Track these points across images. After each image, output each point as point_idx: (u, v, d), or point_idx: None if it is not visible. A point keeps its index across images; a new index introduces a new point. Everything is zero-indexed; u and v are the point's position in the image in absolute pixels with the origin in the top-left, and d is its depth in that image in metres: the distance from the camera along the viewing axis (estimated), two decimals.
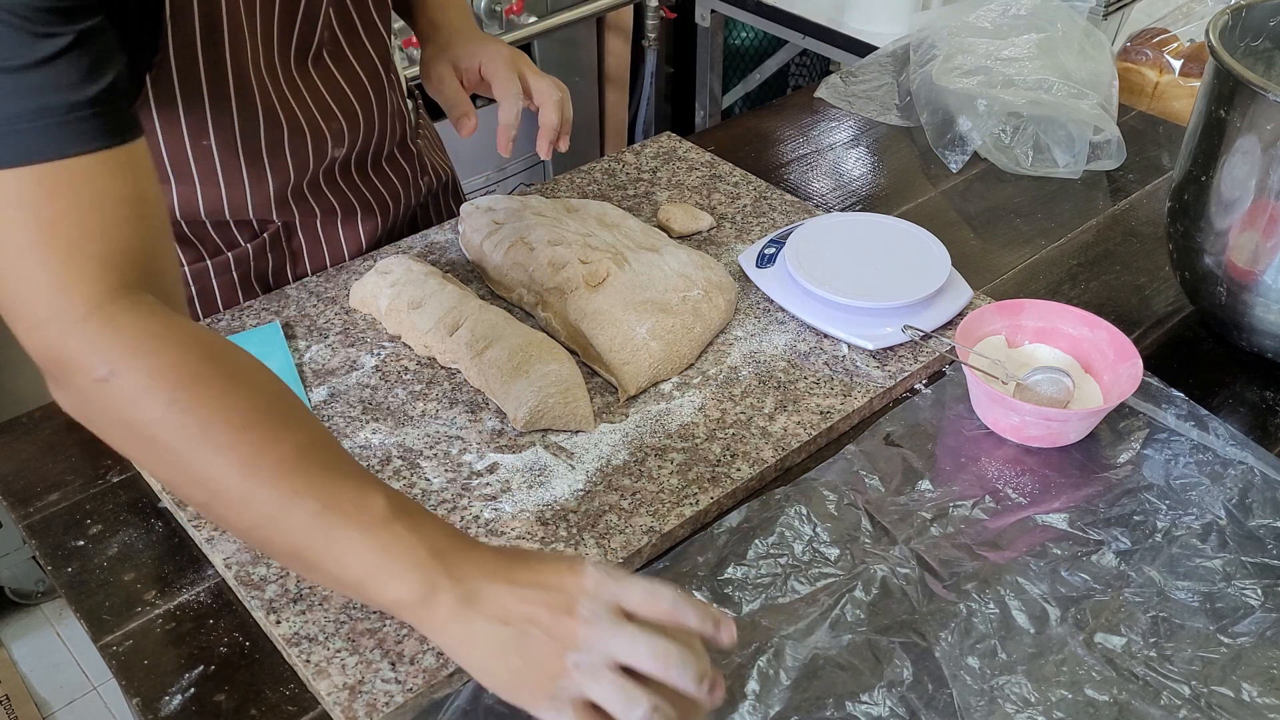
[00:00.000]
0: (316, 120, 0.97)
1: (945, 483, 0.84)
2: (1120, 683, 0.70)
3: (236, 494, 0.59)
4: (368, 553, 0.59)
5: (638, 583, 0.59)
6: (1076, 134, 1.23)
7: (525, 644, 0.58)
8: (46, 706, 1.84)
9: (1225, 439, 0.87)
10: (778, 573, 0.77)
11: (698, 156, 1.23)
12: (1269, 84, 0.84)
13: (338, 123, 0.98)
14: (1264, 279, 0.90)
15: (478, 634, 0.58)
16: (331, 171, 1.02)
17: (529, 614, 0.58)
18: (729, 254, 1.07)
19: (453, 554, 0.60)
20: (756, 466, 0.84)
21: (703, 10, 2.23)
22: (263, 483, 0.59)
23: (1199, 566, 0.78)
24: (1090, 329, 0.91)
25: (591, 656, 0.57)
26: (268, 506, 0.59)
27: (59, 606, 1.97)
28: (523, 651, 0.58)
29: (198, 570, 0.78)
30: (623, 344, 0.90)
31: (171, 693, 0.70)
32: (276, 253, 1.03)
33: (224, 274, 1.01)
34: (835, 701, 0.69)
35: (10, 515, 0.83)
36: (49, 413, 0.92)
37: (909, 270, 0.98)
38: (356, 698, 0.68)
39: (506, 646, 0.58)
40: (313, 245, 1.05)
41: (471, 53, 1.00)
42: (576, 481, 0.82)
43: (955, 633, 0.73)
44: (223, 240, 1.00)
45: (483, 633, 0.58)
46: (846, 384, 0.92)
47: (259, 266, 1.03)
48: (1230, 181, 0.90)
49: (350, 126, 1.00)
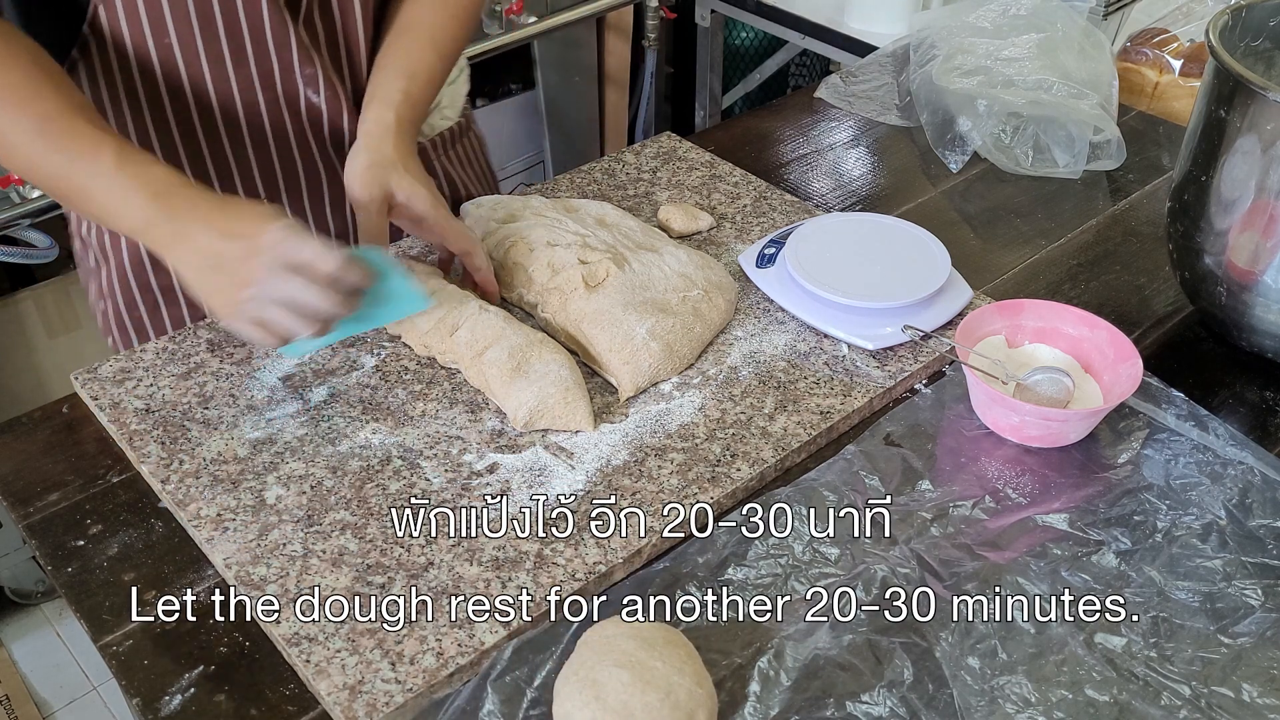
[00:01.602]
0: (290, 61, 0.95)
1: (945, 483, 0.84)
2: (1120, 683, 0.70)
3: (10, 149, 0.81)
4: (105, 193, 0.80)
5: (311, 245, 0.77)
6: (1076, 134, 1.23)
7: (217, 274, 0.78)
8: (46, 706, 1.84)
9: (1225, 439, 0.87)
10: (778, 573, 0.77)
11: (698, 156, 1.23)
12: (1269, 84, 0.84)
13: (312, 69, 0.96)
14: (1264, 279, 0.90)
15: (186, 259, 0.79)
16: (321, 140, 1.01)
17: (219, 252, 0.78)
18: (729, 254, 1.07)
19: (170, 195, 0.79)
20: (756, 466, 0.84)
21: (703, 10, 2.23)
22: (19, 147, 0.80)
23: (1199, 567, 0.78)
24: (1090, 329, 0.91)
25: (263, 293, 0.77)
26: (21, 163, 0.82)
27: (59, 606, 1.97)
28: (214, 279, 0.78)
29: (198, 570, 0.78)
30: (623, 344, 0.90)
31: (171, 693, 0.70)
32: None
33: None
34: (836, 701, 0.69)
35: (10, 515, 0.83)
36: (49, 413, 0.92)
37: (909, 270, 0.98)
38: (356, 698, 0.68)
39: (204, 270, 0.79)
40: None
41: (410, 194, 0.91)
42: (576, 481, 0.82)
43: (955, 633, 0.73)
44: None
45: (189, 258, 0.79)
46: (846, 384, 0.92)
47: None
48: (1230, 181, 0.90)
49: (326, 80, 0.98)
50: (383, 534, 0.78)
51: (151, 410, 0.88)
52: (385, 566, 0.76)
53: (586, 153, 2.39)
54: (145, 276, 1.04)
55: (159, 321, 1.06)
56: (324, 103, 1.00)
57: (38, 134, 0.79)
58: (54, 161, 0.80)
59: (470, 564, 0.76)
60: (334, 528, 0.79)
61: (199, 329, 0.96)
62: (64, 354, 1.72)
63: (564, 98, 2.27)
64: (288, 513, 0.80)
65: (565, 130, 2.31)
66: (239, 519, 0.79)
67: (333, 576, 0.75)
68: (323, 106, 1.00)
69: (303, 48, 0.95)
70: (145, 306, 1.05)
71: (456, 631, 0.72)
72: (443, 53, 1.00)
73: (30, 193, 1.51)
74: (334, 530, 0.78)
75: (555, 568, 0.76)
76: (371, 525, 0.79)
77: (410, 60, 0.98)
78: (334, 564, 0.76)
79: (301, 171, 1.04)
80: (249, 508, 0.80)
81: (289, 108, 0.98)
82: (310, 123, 1.01)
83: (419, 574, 0.75)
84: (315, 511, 0.80)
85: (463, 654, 0.70)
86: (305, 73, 0.97)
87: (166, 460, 0.84)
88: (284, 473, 0.83)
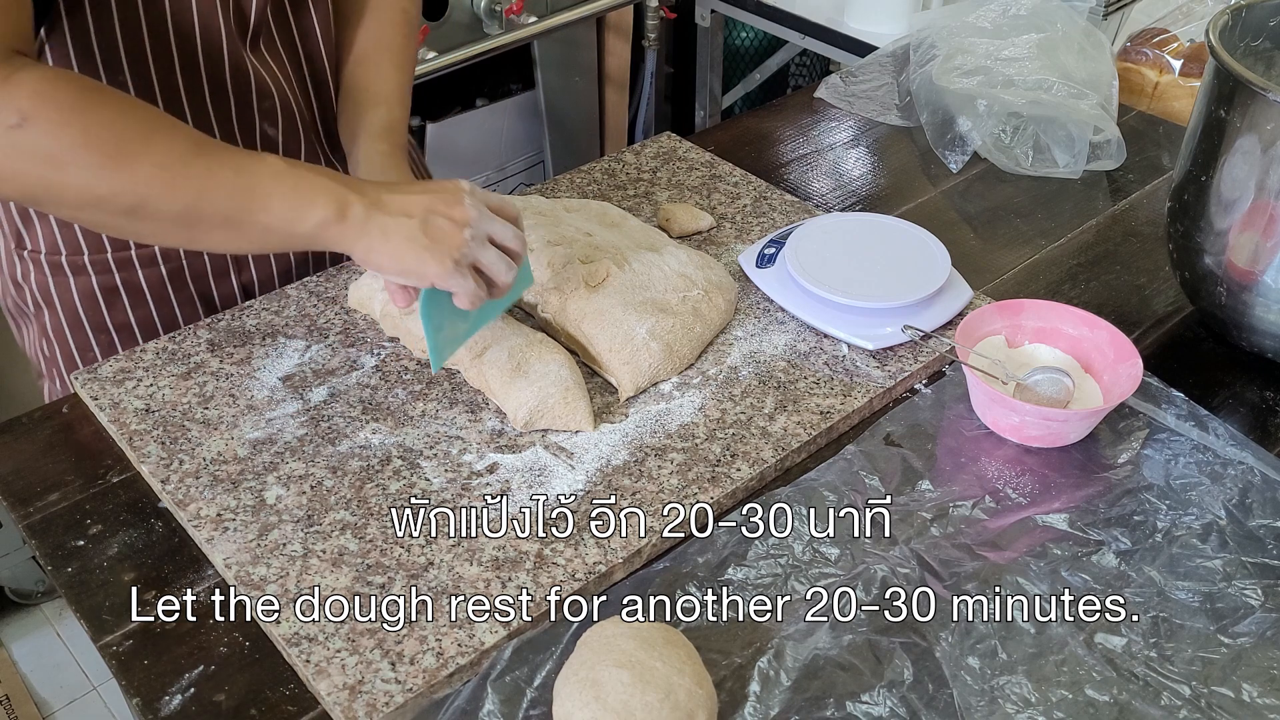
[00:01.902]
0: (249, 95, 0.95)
1: (945, 483, 0.84)
2: (1120, 683, 0.70)
3: (162, 187, 0.73)
4: (286, 191, 0.75)
5: (493, 195, 0.80)
6: (1076, 134, 1.23)
7: (430, 228, 0.76)
8: (46, 706, 1.84)
9: (1225, 439, 0.87)
10: (778, 573, 0.77)
11: (698, 156, 1.23)
12: (1269, 84, 0.84)
13: (270, 101, 0.96)
14: (1264, 279, 0.90)
15: (391, 229, 0.76)
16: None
17: (429, 205, 0.77)
18: (729, 254, 1.07)
19: (352, 180, 0.77)
20: (756, 466, 0.84)
21: (703, 10, 2.23)
22: (181, 172, 0.73)
23: (1199, 567, 0.78)
24: (1090, 329, 0.91)
25: (479, 231, 0.78)
26: (192, 187, 0.73)
27: (59, 606, 1.97)
28: (429, 233, 0.76)
29: (198, 570, 0.78)
30: (623, 344, 0.90)
31: (171, 693, 0.70)
32: (216, 255, 1.02)
33: (150, 266, 1.00)
34: (836, 701, 0.69)
35: (10, 515, 0.83)
36: (49, 413, 0.92)
37: (909, 270, 0.98)
38: (356, 698, 0.68)
39: (415, 232, 0.76)
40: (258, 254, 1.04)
41: None
42: (576, 481, 0.82)
43: (955, 633, 0.73)
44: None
45: (394, 227, 0.76)
46: (846, 384, 0.92)
47: (194, 267, 1.01)
48: (1230, 181, 0.90)
49: (284, 111, 0.98)
50: (383, 534, 0.78)
51: (151, 410, 0.88)
52: (385, 566, 0.76)
53: (586, 153, 2.38)
54: (100, 316, 1.01)
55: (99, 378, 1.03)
56: (280, 134, 0.99)
57: (196, 154, 0.74)
58: (222, 177, 0.74)
59: (470, 564, 0.76)
60: (334, 528, 0.79)
61: (199, 329, 0.96)
62: None
63: (564, 98, 2.27)
64: (288, 513, 0.80)
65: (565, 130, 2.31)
66: (239, 519, 0.79)
67: (333, 576, 0.75)
68: (279, 139, 0.99)
69: (260, 81, 0.95)
70: (99, 346, 1.02)
71: (456, 631, 0.72)
72: (406, 72, 1.01)
73: None
74: (334, 530, 0.78)
75: (555, 568, 0.76)
76: (371, 525, 0.79)
77: (383, 85, 0.98)
78: (334, 564, 0.76)
79: None
80: (249, 508, 0.80)
81: (244, 141, 0.97)
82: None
83: (419, 574, 0.75)
84: (315, 511, 0.80)
85: (463, 654, 0.70)
86: (263, 106, 0.96)
87: (166, 460, 0.84)
88: (284, 473, 0.83)
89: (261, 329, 0.97)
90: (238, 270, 1.05)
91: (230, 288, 1.05)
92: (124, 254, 0.99)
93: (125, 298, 1.01)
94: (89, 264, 0.99)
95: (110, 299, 1.00)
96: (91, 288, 1.00)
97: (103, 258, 0.98)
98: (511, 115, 2.22)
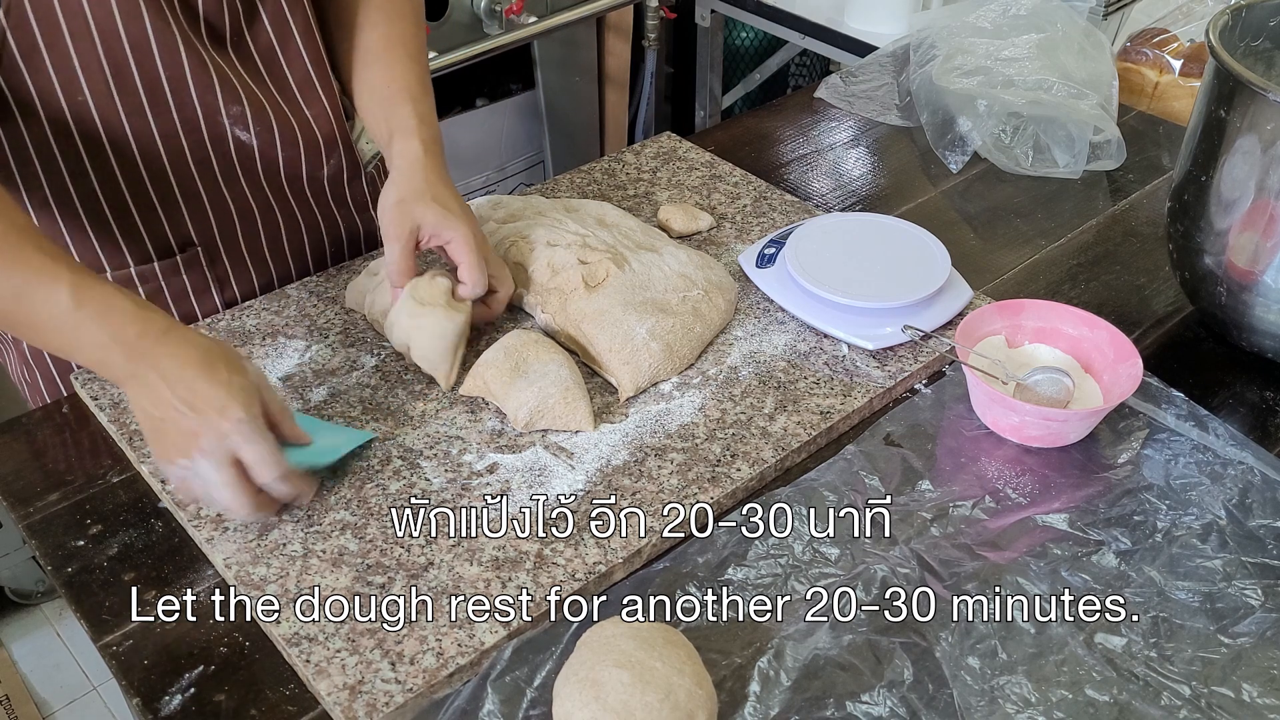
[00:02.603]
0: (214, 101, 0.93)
1: (945, 483, 0.84)
2: (1120, 683, 0.70)
3: None
4: (60, 332, 0.75)
5: (257, 448, 0.74)
6: (1076, 134, 1.23)
7: (159, 434, 0.75)
8: (46, 706, 1.84)
9: (1225, 439, 0.87)
10: (778, 573, 0.77)
11: (698, 156, 1.23)
12: (1269, 84, 0.84)
13: (240, 107, 0.94)
14: (1264, 279, 0.90)
15: (137, 402, 0.76)
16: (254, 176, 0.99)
17: (169, 418, 0.74)
18: (729, 254, 1.07)
19: (131, 341, 0.74)
20: (756, 466, 0.84)
21: (703, 10, 2.23)
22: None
23: (1199, 567, 0.78)
24: (1090, 329, 0.91)
25: (193, 474, 0.74)
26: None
27: (59, 606, 1.97)
28: (157, 435, 0.76)
29: (198, 570, 0.78)
30: (622, 344, 0.90)
31: (171, 693, 0.70)
32: (195, 273, 1.01)
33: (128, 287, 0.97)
34: (836, 701, 0.69)
35: (10, 515, 0.83)
36: (49, 413, 0.92)
37: (909, 270, 0.98)
38: (356, 698, 0.68)
39: (149, 422, 0.76)
40: (238, 267, 1.03)
41: (439, 223, 0.89)
42: (576, 481, 0.82)
43: (955, 633, 0.73)
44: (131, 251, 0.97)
45: (139, 403, 0.76)
46: (846, 384, 0.92)
47: (173, 287, 1.00)
48: (1230, 181, 0.90)
49: (258, 117, 0.96)
50: (383, 534, 0.78)
51: None
52: (385, 566, 0.76)
53: (586, 153, 2.38)
54: None
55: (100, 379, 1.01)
56: (254, 138, 0.97)
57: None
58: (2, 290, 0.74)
59: (470, 564, 0.76)
60: (334, 528, 0.79)
61: (199, 329, 0.96)
62: None
63: (564, 98, 2.27)
64: (287, 512, 0.80)
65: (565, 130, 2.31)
66: (239, 519, 0.79)
67: (333, 576, 0.75)
68: (254, 143, 0.97)
69: (228, 87, 0.93)
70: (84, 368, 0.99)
71: (456, 631, 0.72)
72: (423, 63, 1.00)
73: None
74: (334, 530, 0.78)
75: (555, 568, 0.76)
76: (371, 525, 0.79)
77: (406, 80, 0.97)
78: (334, 564, 0.76)
79: (234, 212, 1.00)
80: None
81: (215, 149, 0.96)
82: (241, 161, 0.98)
83: (419, 574, 0.75)
84: (315, 511, 0.80)
85: (463, 654, 0.70)
86: (232, 112, 0.94)
87: None
88: None
89: (261, 329, 0.97)
90: (220, 290, 1.03)
91: (214, 307, 1.03)
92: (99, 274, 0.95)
93: None
94: None
95: None
96: None
97: None
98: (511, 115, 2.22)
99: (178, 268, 0.99)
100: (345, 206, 1.09)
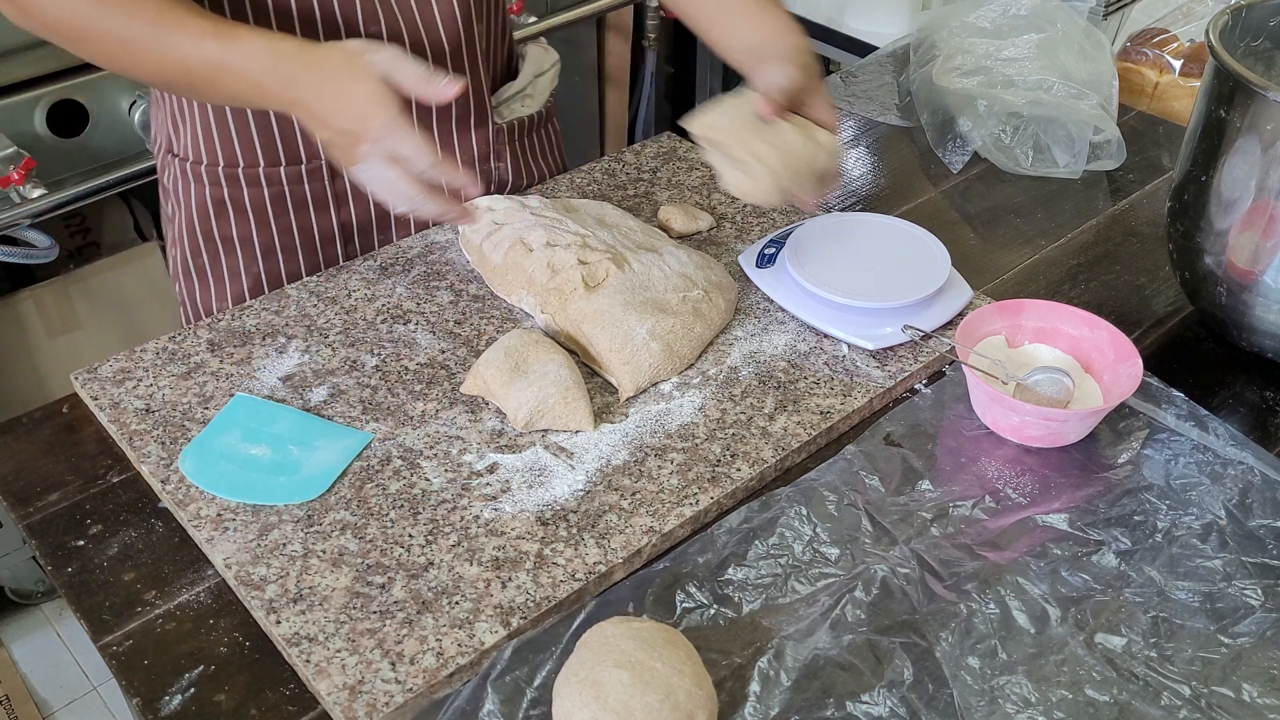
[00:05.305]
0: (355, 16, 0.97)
1: (945, 483, 0.84)
2: (1120, 683, 0.70)
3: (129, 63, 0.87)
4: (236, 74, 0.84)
5: (410, 141, 0.81)
6: (1076, 134, 1.23)
7: (335, 144, 0.84)
8: (46, 706, 1.84)
9: (1225, 439, 0.87)
10: (778, 573, 0.77)
11: (698, 156, 1.23)
12: (1269, 84, 0.84)
13: (378, 26, 0.98)
14: (1264, 279, 0.90)
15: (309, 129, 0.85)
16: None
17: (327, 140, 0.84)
18: (729, 254, 1.07)
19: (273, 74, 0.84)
20: (756, 466, 0.84)
21: None
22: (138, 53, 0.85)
23: (1199, 566, 0.78)
24: (1090, 329, 0.91)
25: (365, 173, 0.83)
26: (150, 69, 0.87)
27: (59, 606, 1.97)
28: (335, 147, 0.84)
29: (198, 570, 0.78)
30: (623, 344, 0.90)
31: (171, 693, 0.70)
32: (315, 184, 1.06)
33: (254, 186, 1.05)
34: (836, 702, 0.69)
35: (10, 515, 0.83)
36: (49, 413, 0.92)
37: (909, 270, 0.98)
38: (356, 698, 0.68)
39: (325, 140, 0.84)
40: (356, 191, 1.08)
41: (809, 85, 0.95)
42: (576, 481, 0.82)
43: (955, 633, 0.73)
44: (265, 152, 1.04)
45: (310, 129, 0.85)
46: (846, 384, 0.92)
47: (295, 194, 1.06)
48: (1230, 181, 0.90)
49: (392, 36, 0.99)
50: (383, 534, 0.78)
51: (151, 410, 0.88)
52: (385, 566, 0.76)
53: (586, 153, 2.38)
54: (209, 225, 1.08)
55: (218, 269, 1.10)
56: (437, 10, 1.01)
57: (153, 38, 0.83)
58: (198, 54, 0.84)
59: (470, 564, 0.76)
60: (334, 528, 0.79)
61: (198, 329, 0.96)
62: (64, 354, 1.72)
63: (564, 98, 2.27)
64: (288, 513, 0.80)
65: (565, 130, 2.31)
66: (239, 519, 0.79)
67: (333, 576, 0.75)
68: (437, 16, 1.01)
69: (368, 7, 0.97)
70: (208, 254, 1.09)
71: (456, 631, 0.72)
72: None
73: (31, 193, 1.51)
74: (334, 530, 0.78)
75: (555, 568, 0.76)
76: (371, 525, 0.79)
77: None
78: (334, 564, 0.76)
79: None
80: (249, 508, 0.80)
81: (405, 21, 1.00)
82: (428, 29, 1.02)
83: (419, 574, 0.75)
84: (315, 511, 0.80)
85: (463, 654, 0.70)
86: (370, 31, 0.98)
87: (166, 460, 0.84)
88: None
89: (261, 329, 0.97)
90: (337, 207, 1.08)
91: (329, 223, 1.09)
92: (233, 170, 1.04)
93: (231, 212, 1.07)
94: (211, 174, 1.05)
95: (219, 211, 1.07)
96: (206, 197, 1.06)
97: (220, 170, 1.04)
98: None
99: (301, 176, 1.06)
100: (468, 150, 1.11)
